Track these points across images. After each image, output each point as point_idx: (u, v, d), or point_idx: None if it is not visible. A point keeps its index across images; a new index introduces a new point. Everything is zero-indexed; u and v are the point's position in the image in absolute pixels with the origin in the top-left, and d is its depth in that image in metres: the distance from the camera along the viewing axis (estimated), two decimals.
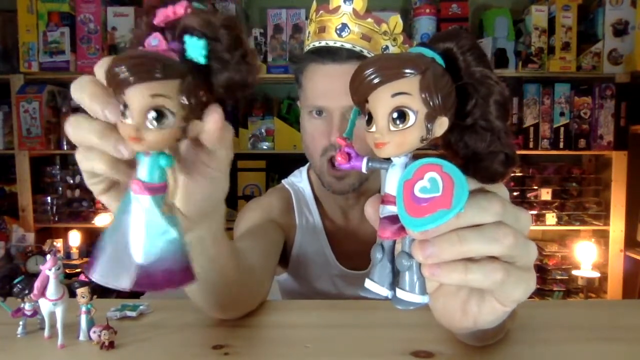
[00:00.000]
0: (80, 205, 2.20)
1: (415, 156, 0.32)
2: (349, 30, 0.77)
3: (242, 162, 2.17)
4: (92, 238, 2.24)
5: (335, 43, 0.78)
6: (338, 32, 0.77)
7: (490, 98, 0.31)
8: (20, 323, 0.56)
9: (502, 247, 0.31)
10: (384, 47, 0.78)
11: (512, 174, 2.13)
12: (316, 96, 0.81)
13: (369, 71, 0.30)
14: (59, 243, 2.10)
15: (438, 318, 0.38)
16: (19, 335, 0.56)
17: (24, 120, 2.07)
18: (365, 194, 0.90)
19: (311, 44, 0.82)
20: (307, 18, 2.10)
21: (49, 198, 2.18)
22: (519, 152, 0.34)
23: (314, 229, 0.93)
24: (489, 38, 2.07)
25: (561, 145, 2.10)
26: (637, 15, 2.03)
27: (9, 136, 2.16)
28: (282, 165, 2.17)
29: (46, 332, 0.55)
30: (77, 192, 2.21)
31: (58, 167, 2.24)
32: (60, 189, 2.21)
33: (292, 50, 2.05)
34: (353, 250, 0.92)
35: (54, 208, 2.19)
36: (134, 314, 0.63)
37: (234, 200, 2.18)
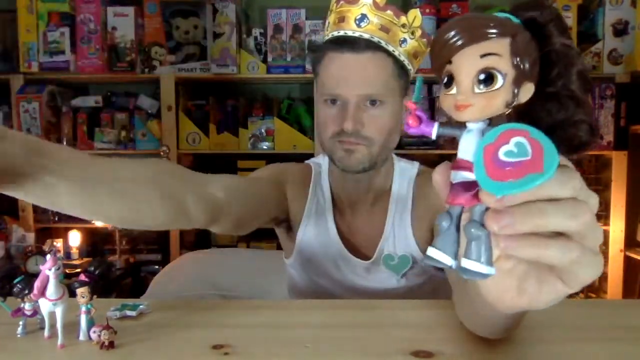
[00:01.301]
0: None
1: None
2: (368, 21, 0.78)
3: (242, 162, 2.17)
4: (92, 238, 2.24)
5: (354, 33, 0.79)
6: (357, 22, 0.79)
7: (573, 68, 0.31)
8: (20, 323, 0.56)
9: (580, 224, 0.29)
10: (402, 39, 0.80)
11: None
12: (332, 85, 0.82)
13: (454, 31, 0.30)
14: (59, 243, 2.10)
15: (485, 294, 0.35)
16: (19, 335, 0.56)
17: (24, 120, 2.07)
18: (373, 188, 0.91)
19: (330, 33, 0.83)
20: (307, 18, 2.10)
21: None
22: None
23: (323, 208, 0.94)
24: None
25: None
26: (637, 15, 2.03)
27: None
28: None
29: (46, 332, 0.55)
30: None
31: None
32: None
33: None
34: (357, 242, 0.93)
35: None
36: (133, 313, 0.63)
37: None
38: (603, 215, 2.11)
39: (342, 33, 0.80)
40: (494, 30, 0.29)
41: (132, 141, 2.16)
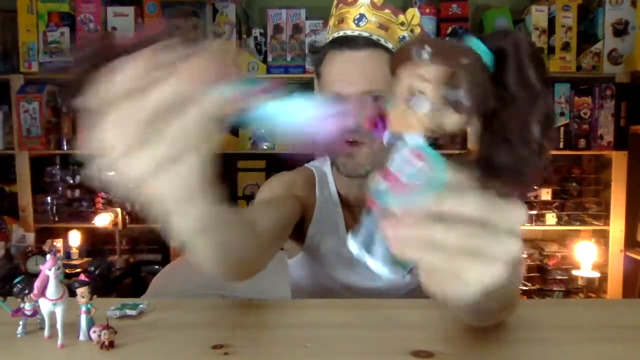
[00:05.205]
0: (80, 205, 2.20)
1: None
2: (366, 20, 0.80)
3: (242, 162, 2.17)
4: (92, 238, 2.24)
5: (353, 32, 0.80)
6: (356, 22, 0.80)
7: (532, 116, 0.34)
8: (20, 323, 0.56)
9: (471, 209, 0.30)
10: (401, 37, 0.81)
11: None
12: (333, 82, 0.82)
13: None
14: (59, 243, 2.09)
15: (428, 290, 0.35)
16: (19, 335, 0.56)
17: (24, 120, 2.07)
18: None
19: (331, 35, 0.84)
20: (307, 18, 2.10)
21: (49, 198, 2.18)
22: None
23: (333, 208, 0.94)
24: None
25: (561, 145, 2.10)
26: (637, 15, 2.03)
27: (9, 136, 2.16)
28: (282, 165, 2.16)
29: (46, 332, 0.55)
30: (77, 192, 2.21)
31: (58, 167, 2.24)
32: (60, 189, 2.20)
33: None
34: None
35: (54, 208, 2.19)
36: (133, 312, 0.63)
37: (235, 201, 2.18)
38: (603, 215, 2.11)
39: (341, 33, 0.81)
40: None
41: None
